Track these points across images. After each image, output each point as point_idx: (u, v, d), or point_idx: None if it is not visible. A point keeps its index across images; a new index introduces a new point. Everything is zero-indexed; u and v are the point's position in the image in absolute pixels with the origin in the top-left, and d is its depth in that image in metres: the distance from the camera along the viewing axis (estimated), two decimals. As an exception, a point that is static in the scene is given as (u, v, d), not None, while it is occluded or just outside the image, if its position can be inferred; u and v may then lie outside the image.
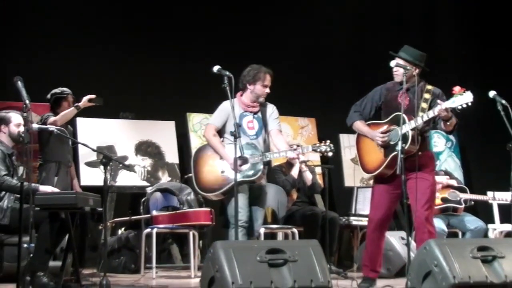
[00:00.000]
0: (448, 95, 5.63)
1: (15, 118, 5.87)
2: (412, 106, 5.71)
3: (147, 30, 9.16)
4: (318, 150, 5.92)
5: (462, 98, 5.46)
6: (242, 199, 5.85)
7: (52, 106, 7.16)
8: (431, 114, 5.59)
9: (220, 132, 6.16)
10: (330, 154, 5.94)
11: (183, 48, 9.23)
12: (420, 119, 5.58)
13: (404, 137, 5.56)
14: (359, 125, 5.93)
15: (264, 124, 6.15)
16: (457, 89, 5.55)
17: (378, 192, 5.88)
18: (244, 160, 5.79)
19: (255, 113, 6.17)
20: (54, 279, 5.50)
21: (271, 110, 6.23)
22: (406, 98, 5.74)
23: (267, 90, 6.12)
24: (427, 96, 5.74)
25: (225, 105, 6.08)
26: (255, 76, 6.09)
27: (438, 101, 5.59)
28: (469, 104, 5.49)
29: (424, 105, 5.71)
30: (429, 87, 5.80)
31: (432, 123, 5.79)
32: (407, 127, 5.57)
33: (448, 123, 5.62)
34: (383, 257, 6.02)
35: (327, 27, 9.84)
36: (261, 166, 5.94)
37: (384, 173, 5.75)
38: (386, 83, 5.97)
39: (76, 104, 7.07)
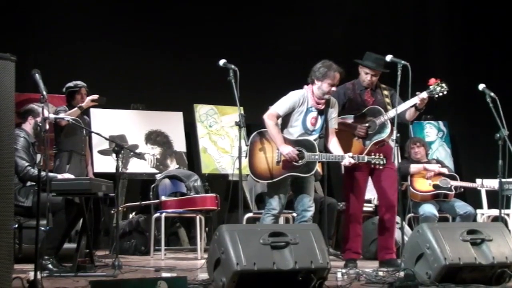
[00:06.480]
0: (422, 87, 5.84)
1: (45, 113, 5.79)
2: (378, 102, 6.05)
3: (158, 27, 9.12)
4: (372, 162, 5.71)
5: (438, 88, 5.80)
6: (283, 190, 5.70)
7: (67, 98, 7.14)
8: (410, 103, 5.79)
9: (282, 122, 5.77)
10: (381, 167, 5.79)
11: (191, 43, 9.21)
12: (400, 108, 5.77)
13: (384, 126, 5.92)
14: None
15: (325, 122, 5.79)
16: (432, 81, 5.87)
17: (354, 180, 6.08)
18: (301, 156, 5.59)
19: (321, 110, 5.76)
20: (59, 265, 5.47)
21: (333, 106, 5.84)
22: (371, 97, 6.08)
23: (334, 88, 5.71)
24: (386, 93, 6.08)
25: (294, 96, 5.75)
26: (325, 74, 5.64)
27: (417, 92, 5.80)
28: (445, 93, 5.82)
29: (387, 100, 6.03)
30: (383, 85, 6.13)
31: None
32: (386, 116, 5.90)
33: (417, 112, 5.93)
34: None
35: (324, 27, 9.79)
36: (315, 166, 5.67)
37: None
38: (345, 84, 6.16)
39: (80, 105, 6.98)
